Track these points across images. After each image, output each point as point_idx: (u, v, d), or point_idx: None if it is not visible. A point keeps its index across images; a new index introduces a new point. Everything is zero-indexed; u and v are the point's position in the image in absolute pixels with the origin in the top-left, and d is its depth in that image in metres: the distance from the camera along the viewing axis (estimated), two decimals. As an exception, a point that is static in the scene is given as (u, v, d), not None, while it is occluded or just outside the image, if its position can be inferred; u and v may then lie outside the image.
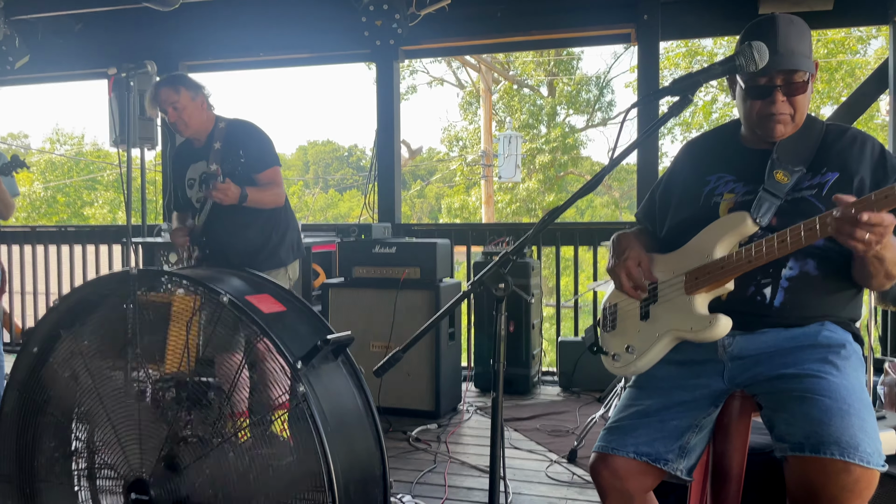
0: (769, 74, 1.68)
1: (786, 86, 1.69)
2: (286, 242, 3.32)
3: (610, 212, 22.06)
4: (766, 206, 1.68)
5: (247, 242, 3.18)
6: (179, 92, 3.10)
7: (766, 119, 1.73)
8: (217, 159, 3.11)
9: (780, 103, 1.70)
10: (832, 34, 15.41)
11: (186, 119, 3.13)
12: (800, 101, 1.72)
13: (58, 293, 6.01)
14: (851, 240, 1.45)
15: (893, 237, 1.52)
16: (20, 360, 2.07)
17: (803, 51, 1.69)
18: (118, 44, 5.58)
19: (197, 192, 3.21)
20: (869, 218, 1.42)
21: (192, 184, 3.24)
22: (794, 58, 1.67)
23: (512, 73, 20.23)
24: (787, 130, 1.74)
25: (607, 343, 1.93)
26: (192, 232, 3.19)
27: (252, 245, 3.19)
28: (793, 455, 1.51)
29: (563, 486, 3.04)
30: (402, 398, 3.97)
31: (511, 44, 5.98)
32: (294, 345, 1.82)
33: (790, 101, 1.71)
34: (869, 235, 1.44)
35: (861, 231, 1.43)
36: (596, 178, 1.57)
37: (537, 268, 4.72)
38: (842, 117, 4.79)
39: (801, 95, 1.71)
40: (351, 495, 1.80)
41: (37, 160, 25.01)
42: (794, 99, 1.71)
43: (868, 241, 1.44)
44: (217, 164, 3.10)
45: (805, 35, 1.71)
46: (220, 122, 3.22)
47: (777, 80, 1.69)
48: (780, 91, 1.70)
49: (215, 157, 3.12)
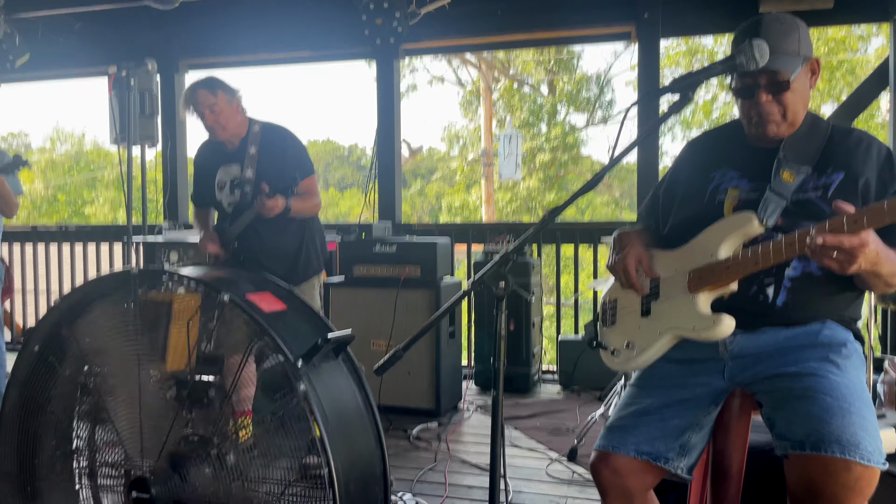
0: (752, 75, 1.67)
1: (769, 85, 1.68)
2: (316, 250, 3.28)
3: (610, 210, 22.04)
4: (772, 206, 1.67)
5: (280, 250, 3.14)
6: (217, 94, 3.04)
7: (754, 118, 1.73)
8: (252, 165, 3.07)
9: (765, 103, 1.69)
10: (833, 32, 15.39)
11: (224, 122, 3.07)
12: (789, 99, 1.70)
13: (58, 292, 6.01)
14: (824, 260, 1.46)
15: (891, 250, 1.51)
16: (21, 358, 2.07)
17: (788, 49, 1.67)
18: (118, 42, 5.59)
19: (228, 195, 3.15)
20: (824, 241, 1.42)
21: (222, 186, 3.17)
22: (774, 57, 1.63)
23: (512, 71, 20.21)
24: (780, 130, 1.73)
25: (607, 338, 1.93)
26: (224, 238, 3.12)
27: (285, 253, 3.15)
28: (793, 453, 1.51)
29: (563, 485, 3.04)
30: (402, 396, 3.97)
31: (511, 42, 5.99)
32: (295, 343, 1.82)
33: (777, 99, 1.70)
34: (836, 255, 1.44)
35: (828, 252, 1.43)
36: (596, 177, 1.57)
37: (537, 266, 4.72)
38: (842, 116, 4.78)
39: (787, 94, 1.69)
40: (351, 493, 1.80)
41: (37, 159, 24.99)
42: (782, 97, 1.69)
43: (839, 260, 1.44)
44: (252, 169, 3.06)
45: (792, 33, 1.68)
46: (253, 125, 3.16)
47: (760, 79, 1.68)
48: (763, 91, 1.69)
49: (250, 163, 3.07)
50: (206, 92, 3.05)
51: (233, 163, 3.14)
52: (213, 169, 3.21)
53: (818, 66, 1.75)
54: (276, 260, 3.12)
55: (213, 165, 3.21)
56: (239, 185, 3.10)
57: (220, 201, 3.19)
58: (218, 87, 3.07)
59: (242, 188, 3.07)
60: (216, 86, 3.07)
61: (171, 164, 5.68)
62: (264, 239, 3.11)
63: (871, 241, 1.44)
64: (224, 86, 3.09)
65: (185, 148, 5.87)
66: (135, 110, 4.92)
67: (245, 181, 3.07)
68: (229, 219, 3.13)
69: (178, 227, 5.10)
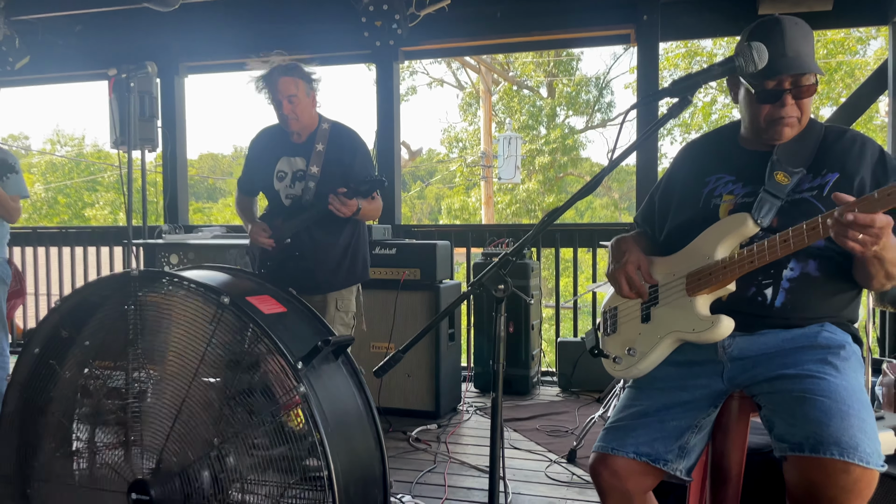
0: (778, 78, 1.68)
1: (795, 89, 1.69)
2: (363, 256, 3.21)
3: (609, 213, 22.06)
4: (766, 206, 1.68)
5: (329, 252, 3.05)
6: (299, 85, 2.94)
7: (774, 122, 1.73)
8: (318, 162, 2.99)
9: (789, 106, 1.70)
10: (831, 35, 15.41)
11: (299, 113, 2.97)
12: (806, 104, 1.72)
13: (59, 294, 6.02)
14: (847, 240, 1.46)
15: (894, 237, 1.52)
16: (21, 360, 2.08)
17: (809, 52, 1.69)
18: (118, 45, 5.59)
19: (288, 187, 3.06)
20: (855, 218, 1.43)
21: (282, 176, 3.07)
22: (803, 60, 1.66)
23: (511, 74, 20.24)
24: (793, 133, 1.74)
25: (608, 346, 1.94)
26: (277, 231, 3.02)
27: (333, 255, 3.06)
28: (792, 455, 1.52)
29: (562, 487, 3.04)
30: (402, 398, 3.98)
31: (511, 44, 5.99)
32: (295, 345, 1.83)
33: (798, 104, 1.71)
34: (862, 236, 1.44)
35: (854, 232, 1.44)
36: (595, 180, 1.57)
37: (537, 269, 4.72)
38: (841, 118, 4.79)
39: (807, 99, 1.71)
40: (351, 495, 1.80)
41: (37, 161, 25.01)
42: (802, 102, 1.71)
43: (863, 241, 1.44)
44: (318, 167, 2.99)
45: (809, 37, 1.71)
46: (323, 122, 3.08)
47: (786, 83, 1.69)
48: (789, 94, 1.69)
49: (317, 160, 2.99)
50: (289, 80, 2.93)
51: (298, 155, 3.05)
52: (274, 158, 3.09)
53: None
54: (323, 261, 3.03)
55: (275, 154, 3.10)
56: (302, 178, 3.02)
57: (277, 191, 3.09)
58: (301, 76, 2.96)
59: (306, 182, 2.99)
60: (299, 74, 2.96)
61: (171, 167, 5.69)
62: (316, 237, 3.01)
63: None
64: (306, 75, 2.99)
65: (185, 150, 5.87)
66: (135, 113, 4.92)
67: (309, 176, 2.99)
68: (285, 212, 3.05)
69: (178, 230, 5.10)
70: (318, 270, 3.03)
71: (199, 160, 29.77)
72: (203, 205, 25.55)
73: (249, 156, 3.24)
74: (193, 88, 58.96)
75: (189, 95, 5.83)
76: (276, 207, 3.10)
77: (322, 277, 3.04)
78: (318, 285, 3.04)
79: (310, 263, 3.01)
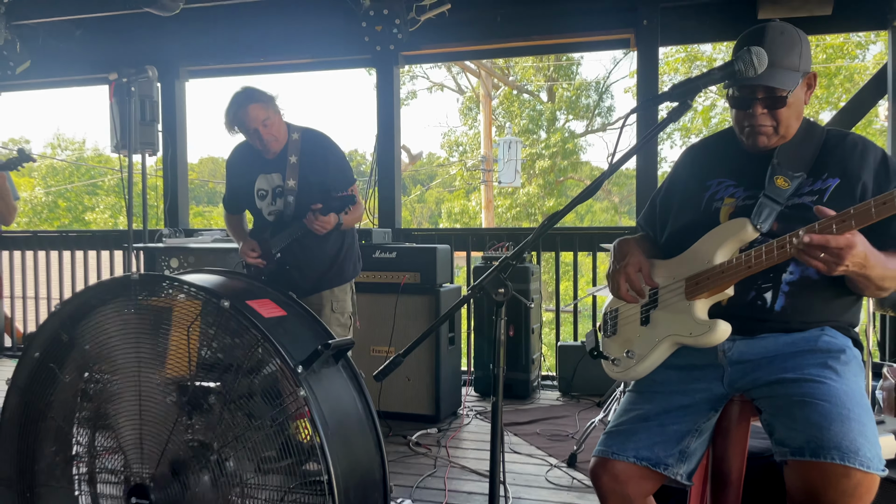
0: (750, 86, 1.67)
1: (766, 99, 1.68)
2: (354, 255, 3.25)
3: (609, 217, 22.06)
4: (766, 211, 1.68)
5: (321, 257, 3.10)
6: (268, 108, 2.93)
7: (746, 129, 1.73)
8: (294, 175, 2.99)
9: (759, 115, 1.69)
10: (831, 39, 15.44)
11: (276, 134, 2.97)
12: (783, 114, 1.69)
13: (59, 298, 6.01)
14: (810, 259, 1.48)
15: (881, 254, 1.52)
16: (21, 364, 2.07)
17: (789, 64, 1.66)
18: (119, 49, 5.60)
19: (270, 204, 3.08)
20: (811, 240, 1.44)
21: (263, 195, 3.09)
22: (774, 72, 1.63)
23: (512, 78, 20.27)
24: (771, 142, 1.73)
25: (608, 348, 1.94)
26: (265, 248, 3.05)
27: (324, 259, 3.10)
28: (793, 459, 1.52)
29: (563, 491, 3.04)
30: (402, 402, 3.97)
31: (511, 49, 6.00)
32: (295, 349, 1.82)
33: (771, 113, 1.69)
34: (824, 255, 1.45)
35: (814, 252, 1.45)
36: (595, 183, 1.58)
37: (537, 273, 4.72)
38: (840, 122, 4.79)
39: (783, 109, 1.69)
40: (351, 499, 1.80)
41: (38, 165, 25.02)
42: (777, 112, 1.69)
43: (825, 260, 1.46)
44: (294, 180, 2.99)
45: (794, 46, 1.68)
46: (292, 132, 3.06)
47: (758, 92, 1.68)
48: (759, 104, 1.69)
49: (292, 173, 2.99)
50: (257, 106, 2.91)
51: (274, 171, 3.05)
52: (252, 177, 3.10)
53: (815, 80, 1.75)
54: (314, 266, 3.09)
55: (251, 172, 3.10)
56: (281, 194, 3.04)
57: (259, 209, 3.12)
58: (264, 99, 2.94)
59: (285, 198, 3.01)
60: (264, 99, 2.94)
61: (171, 171, 5.70)
62: (306, 247, 3.05)
63: (858, 243, 1.46)
64: (267, 96, 2.97)
65: (186, 154, 5.88)
66: (135, 117, 4.93)
67: (288, 191, 3.01)
68: (271, 228, 3.07)
69: (178, 234, 5.10)
70: (311, 273, 3.09)
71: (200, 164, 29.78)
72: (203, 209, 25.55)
73: (228, 176, 3.27)
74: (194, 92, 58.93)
75: (190, 99, 5.84)
76: (262, 224, 3.15)
77: (315, 278, 3.10)
78: (312, 286, 3.11)
79: (303, 270, 3.08)
